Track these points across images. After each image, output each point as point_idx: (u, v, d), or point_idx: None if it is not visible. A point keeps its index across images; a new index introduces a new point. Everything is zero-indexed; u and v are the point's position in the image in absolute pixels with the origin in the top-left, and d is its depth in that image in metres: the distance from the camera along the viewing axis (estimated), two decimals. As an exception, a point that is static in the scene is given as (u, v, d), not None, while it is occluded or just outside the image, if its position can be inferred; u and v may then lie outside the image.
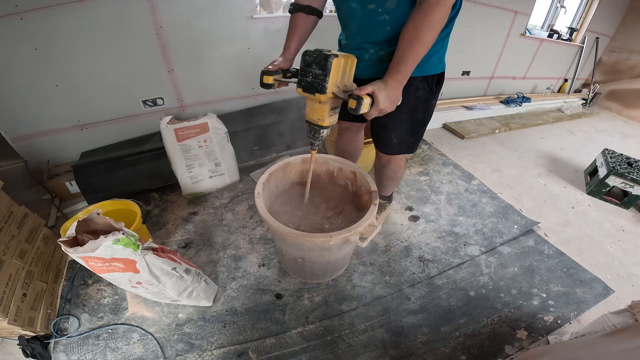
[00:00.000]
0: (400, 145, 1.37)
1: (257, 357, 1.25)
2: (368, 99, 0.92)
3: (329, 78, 0.89)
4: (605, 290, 1.58)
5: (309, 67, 0.91)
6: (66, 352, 1.25)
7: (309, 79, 0.92)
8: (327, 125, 1.04)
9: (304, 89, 0.95)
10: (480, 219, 1.99)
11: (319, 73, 0.90)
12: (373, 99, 0.94)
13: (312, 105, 1.01)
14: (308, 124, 1.07)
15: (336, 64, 0.88)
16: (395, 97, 0.99)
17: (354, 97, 0.90)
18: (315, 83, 0.91)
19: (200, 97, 2.33)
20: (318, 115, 1.02)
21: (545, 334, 1.37)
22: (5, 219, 1.33)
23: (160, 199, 2.03)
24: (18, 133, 1.90)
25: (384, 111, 0.99)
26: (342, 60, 0.90)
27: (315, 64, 0.90)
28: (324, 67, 0.88)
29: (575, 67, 4.25)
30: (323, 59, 0.87)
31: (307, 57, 0.91)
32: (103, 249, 0.95)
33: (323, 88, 0.91)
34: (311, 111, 1.03)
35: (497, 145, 2.97)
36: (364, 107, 0.91)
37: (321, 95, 0.92)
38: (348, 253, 1.41)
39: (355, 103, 0.90)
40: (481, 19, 3.07)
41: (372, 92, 0.93)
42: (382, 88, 0.94)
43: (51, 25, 1.70)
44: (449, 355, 1.28)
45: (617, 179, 2.16)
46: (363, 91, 0.92)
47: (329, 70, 0.88)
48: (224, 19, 2.09)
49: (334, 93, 0.93)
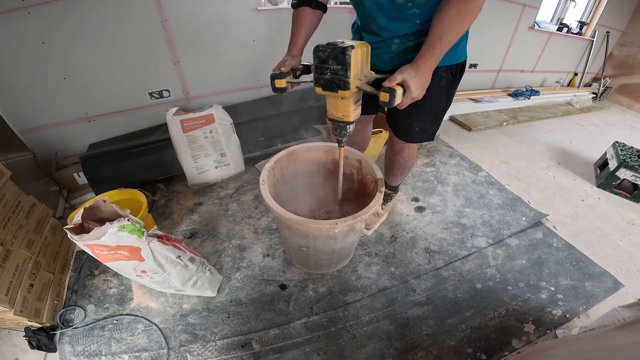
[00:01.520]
0: (422, 134, 1.36)
1: (261, 348, 1.26)
2: (400, 89, 0.86)
3: (351, 72, 0.84)
4: (614, 284, 1.55)
5: (325, 63, 0.86)
6: (71, 343, 1.26)
7: (328, 76, 0.87)
8: (352, 121, 1.00)
9: (324, 87, 0.90)
10: (487, 210, 1.96)
11: (338, 68, 0.84)
12: (404, 87, 0.89)
13: (334, 102, 0.97)
14: (332, 122, 1.03)
15: (354, 56, 0.83)
16: (426, 82, 0.94)
17: (385, 90, 0.84)
18: (336, 79, 0.86)
19: (205, 88, 2.33)
20: (342, 112, 0.98)
21: (554, 328, 1.35)
22: (13, 208, 1.33)
23: (166, 190, 2.03)
24: (26, 125, 1.91)
25: (417, 98, 0.94)
26: (359, 50, 0.85)
27: (332, 59, 0.84)
28: (342, 62, 0.83)
29: (585, 61, 4.18)
30: (340, 53, 0.82)
31: (321, 53, 0.85)
32: (108, 236, 0.95)
33: (346, 84, 0.86)
34: (334, 108, 0.99)
35: (505, 138, 2.93)
36: (397, 98, 0.85)
37: (345, 92, 0.87)
38: (353, 242, 1.41)
39: (388, 96, 0.84)
40: (488, 11, 2.99)
41: (403, 80, 0.88)
42: (412, 75, 0.89)
43: (58, 19, 1.70)
44: (455, 348, 1.27)
45: (627, 172, 2.12)
46: (393, 81, 0.86)
47: (349, 64, 0.82)
48: (229, 11, 2.09)
49: (358, 87, 0.88)
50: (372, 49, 1.20)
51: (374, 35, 1.15)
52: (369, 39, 1.18)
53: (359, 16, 1.18)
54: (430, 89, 1.11)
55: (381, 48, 1.15)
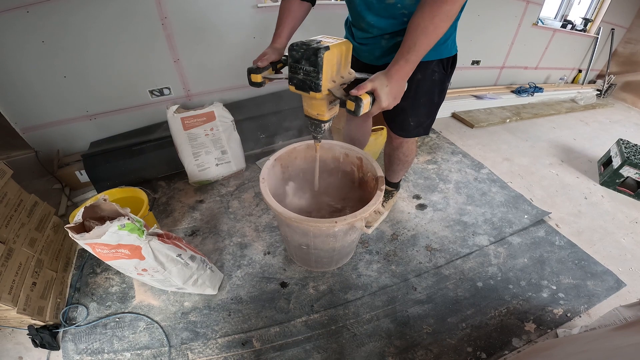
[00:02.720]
0: (418, 128, 1.36)
1: (261, 346, 1.26)
2: (368, 98, 0.82)
3: (322, 74, 0.79)
4: (616, 284, 1.54)
5: (298, 63, 0.81)
6: (74, 341, 1.27)
7: (300, 76, 0.83)
8: (327, 119, 0.97)
9: (297, 87, 0.86)
10: (489, 208, 1.96)
11: (310, 70, 0.80)
12: (374, 96, 0.85)
13: (308, 101, 0.94)
14: (308, 119, 1.00)
15: (328, 58, 0.78)
16: (399, 91, 0.90)
17: (352, 99, 0.81)
18: (307, 81, 0.82)
19: (206, 86, 2.33)
20: (317, 111, 0.94)
21: (554, 327, 1.35)
22: (15, 207, 1.34)
23: (167, 187, 2.04)
24: (28, 124, 1.92)
25: (388, 108, 0.90)
26: (335, 51, 0.80)
27: (304, 59, 0.80)
28: (314, 63, 0.78)
29: (589, 58, 4.13)
30: (313, 54, 0.77)
31: (295, 52, 0.81)
32: (109, 235, 0.95)
33: (317, 86, 0.81)
34: (309, 106, 0.95)
35: (508, 135, 2.91)
36: (363, 108, 0.82)
37: (316, 94, 0.84)
38: (354, 240, 1.40)
39: (354, 105, 0.80)
40: (491, 8, 3.00)
41: (373, 89, 0.85)
42: (384, 84, 0.86)
43: (57, 18, 1.70)
44: (455, 347, 1.27)
45: (631, 170, 2.11)
46: (362, 90, 0.82)
47: (320, 67, 0.78)
48: (229, 8, 2.08)
49: (330, 90, 0.84)
50: (363, 45, 1.20)
51: (364, 32, 1.15)
52: (360, 35, 1.18)
53: (351, 13, 1.18)
54: (423, 83, 1.11)
55: (371, 44, 1.16)
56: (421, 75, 1.16)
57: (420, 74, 1.16)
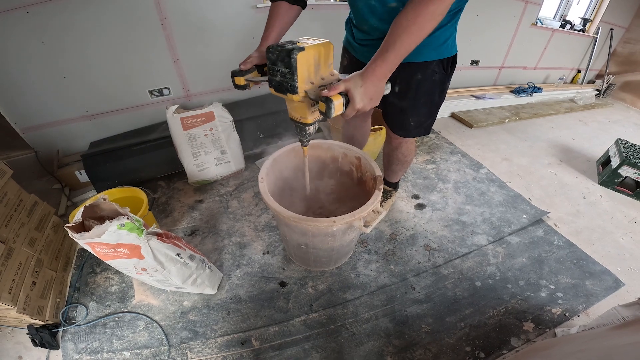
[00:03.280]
0: (418, 128, 1.36)
1: (260, 345, 1.26)
2: (340, 100, 0.79)
3: (297, 76, 0.78)
4: (615, 283, 1.55)
5: (275, 65, 0.80)
6: (74, 340, 1.27)
7: (278, 79, 0.82)
8: (311, 123, 0.95)
9: (276, 89, 0.85)
10: (488, 207, 1.96)
11: (286, 72, 0.79)
12: (348, 97, 0.82)
13: (289, 103, 0.92)
14: (292, 122, 0.99)
15: (303, 59, 0.77)
16: (375, 93, 0.85)
17: (323, 100, 0.78)
18: (284, 82, 0.81)
19: (205, 86, 2.33)
20: (299, 114, 0.92)
21: (553, 327, 1.35)
22: (15, 206, 1.34)
23: (167, 187, 2.04)
24: (28, 124, 1.92)
25: (364, 110, 0.86)
26: (311, 52, 0.78)
27: (279, 61, 0.78)
28: (289, 65, 0.77)
29: (588, 58, 4.14)
30: (286, 56, 0.76)
31: (271, 54, 0.79)
32: (108, 235, 0.95)
33: (293, 88, 0.80)
34: (291, 109, 0.94)
35: (507, 135, 2.92)
36: (335, 110, 0.79)
37: (293, 96, 0.82)
38: (352, 240, 1.41)
39: (325, 106, 0.78)
40: (490, 8, 3.01)
41: (347, 89, 0.81)
42: (358, 84, 0.82)
43: (57, 18, 1.70)
44: (453, 346, 1.28)
45: (630, 169, 2.11)
46: (334, 91, 0.79)
47: (295, 68, 0.76)
48: (228, 9, 2.09)
49: (306, 92, 0.82)
50: (363, 46, 1.21)
51: (365, 34, 1.17)
52: (361, 36, 1.19)
53: (354, 15, 1.18)
54: (423, 84, 1.10)
55: (371, 46, 1.16)
56: (421, 75, 1.17)
57: (421, 74, 1.16)
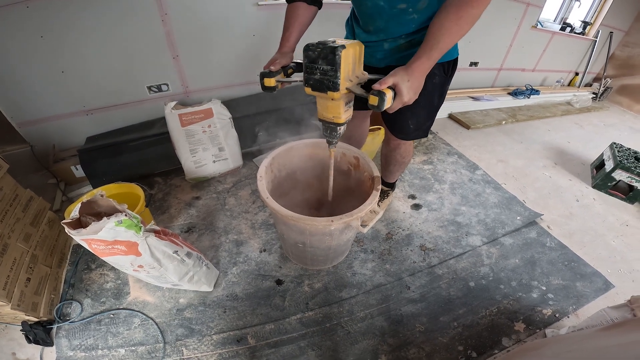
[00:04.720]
0: (417, 130, 1.37)
1: (256, 343, 1.27)
2: (390, 93, 0.82)
3: (340, 73, 0.80)
4: (605, 285, 1.57)
5: (315, 63, 0.82)
6: (68, 337, 1.26)
7: (317, 77, 0.84)
8: (343, 122, 0.98)
9: (313, 87, 0.87)
10: (483, 209, 1.98)
11: (327, 69, 0.81)
12: (395, 91, 0.85)
13: (324, 103, 0.93)
14: (322, 123, 1.01)
15: (345, 56, 0.79)
16: (419, 86, 0.90)
17: (375, 93, 0.81)
18: (325, 80, 0.83)
19: (204, 83, 2.32)
20: (333, 113, 0.94)
21: (543, 327, 1.38)
22: (10, 201, 1.33)
23: (164, 183, 2.04)
24: (24, 118, 1.90)
25: (408, 103, 0.89)
26: (350, 50, 0.81)
27: (321, 59, 0.81)
28: (332, 62, 0.79)
29: (587, 60, 4.17)
30: (330, 53, 0.78)
31: (311, 52, 0.82)
32: (105, 231, 0.95)
33: (336, 85, 0.82)
34: (324, 109, 0.95)
35: (503, 136, 2.94)
36: (387, 102, 0.81)
37: (334, 93, 0.84)
38: (349, 239, 1.42)
39: (377, 99, 0.80)
40: (492, 10, 2.97)
41: (395, 83, 0.84)
42: (404, 78, 0.85)
43: (56, 13, 1.69)
44: (447, 345, 1.29)
45: (623, 173, 2.14)
46: (384, 84, 0.82)
47: (338, 65, 0.79)
48: (229, 6, 2.08)
49: (348, 89, 0.85)
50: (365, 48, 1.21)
51: (370, 35, 1.16)
52: (364, 37, 1.18)
53: (359, 16, 1.18)
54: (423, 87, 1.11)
55: (373, 47, 1.16)
56: None
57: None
